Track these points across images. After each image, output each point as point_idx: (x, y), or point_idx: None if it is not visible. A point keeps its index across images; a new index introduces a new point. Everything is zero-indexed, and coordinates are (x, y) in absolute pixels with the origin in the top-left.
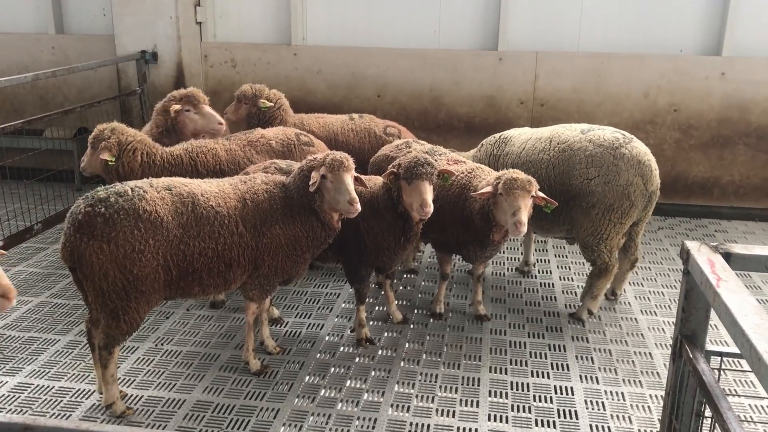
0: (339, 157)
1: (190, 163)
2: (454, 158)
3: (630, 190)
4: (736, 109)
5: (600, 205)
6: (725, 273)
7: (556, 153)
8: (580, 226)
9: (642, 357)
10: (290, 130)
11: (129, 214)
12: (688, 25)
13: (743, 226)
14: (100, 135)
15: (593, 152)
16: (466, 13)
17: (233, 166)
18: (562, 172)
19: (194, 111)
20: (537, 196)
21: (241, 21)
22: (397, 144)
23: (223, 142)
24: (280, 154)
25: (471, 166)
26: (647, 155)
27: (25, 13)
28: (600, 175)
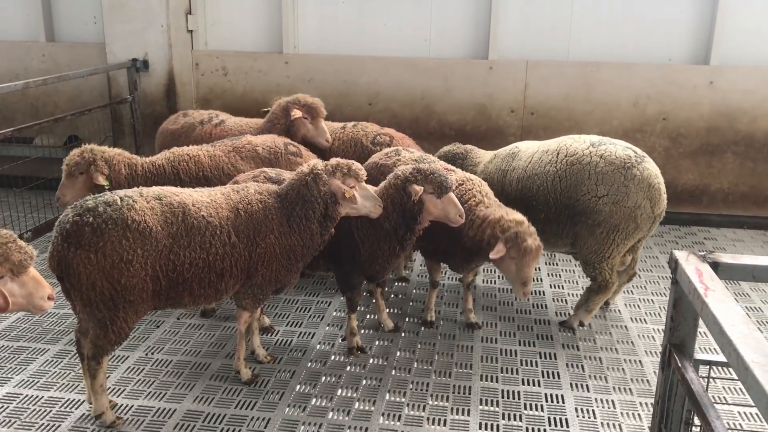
0: (359, 164)
1: (173, 172)
2: (445, 167)
3: (637, 213)
4: (725, 117)
5: (606, 225)
6: (713, 282)
7: (564, 166)
8: (583, 242)
9: (632, 365)
10: (279, 139)
11: (117, 224)
12: (676, 35)
13: (732, 234)
14: (81, 161)
15: (604, 169)
16: (457, 21)
17: (217, 172)
18: (569, 186)
19: (311, 121)
20: None
21: (232, 29)
22: (386, 152)
23: (208, 148)
24: (266, 162)
25: (461, 177)
26: (657, 177)
27: (15, 21)
28: (609, 194)
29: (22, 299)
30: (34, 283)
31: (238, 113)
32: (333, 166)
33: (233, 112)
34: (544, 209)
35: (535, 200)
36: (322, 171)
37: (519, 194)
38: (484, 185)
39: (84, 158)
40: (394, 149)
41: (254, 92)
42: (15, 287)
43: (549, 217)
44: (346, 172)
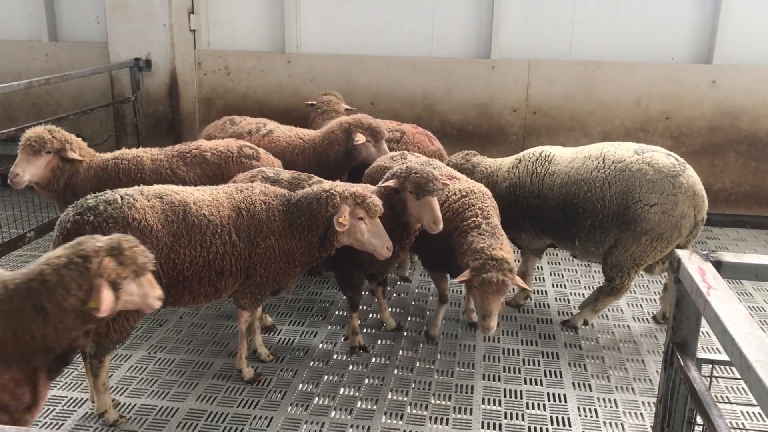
0: (378, 201)
1: (114, 170)
2: (448, 173)
3: (683, 222)
4: (727, 116)
5: (652, 233)
6: (715, 281)
7: (613, 172)
8: (625, 248)
9: (635, 364)
10: (234, 142)
11: (118, 223)
12: (678, 34)
13: (735, 233)
14: (53, 138)
15: (653, 178)
16: (459, 21)
17: (155, 176)
18: (619, 192)
19: (374, 144)
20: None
21: (234, 29)
22: (392, 155)
23: (153, 151)
24: (214, 167)
25: (465, 188)
26: (700, 184)
27: (18, 21)
28: (659, 203)
29: (138, 299)
30: (149, 284)
31: (241, 112)
32: (350, 192)
33: (236, 112)
34: (591, 216)
35: (582, 207)
36: (337, 194)
37: (563, 199)
38: (488, 200)
39: (55, 137)
40: (399, 153)
41: (256, 92)
42: (134, 287)
43: (595, 224)
44: (359, 203)
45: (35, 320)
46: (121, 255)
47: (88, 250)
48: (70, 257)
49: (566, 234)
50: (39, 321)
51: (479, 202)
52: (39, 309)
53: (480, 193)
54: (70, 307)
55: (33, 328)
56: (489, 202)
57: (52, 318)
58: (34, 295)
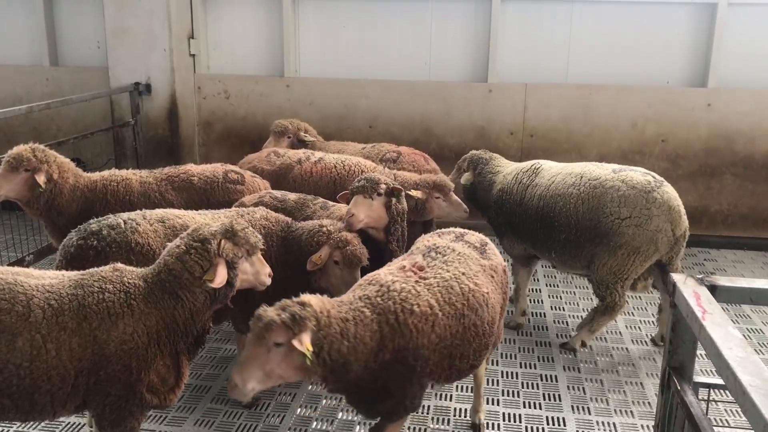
0: (358, 253)
1: (102, 191)
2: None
3: (658, 236)
4: (723, 139)
5: (627, 247)
6: (710, 305)
7: (587, 189)
8: (603, 263)
9: (633, 387)
10: (220, 168)
11: (121, 247)
12: (674, 57)
13: (732, 255)
14: (32, 158)
15: (626, 193)
16: (456, 45)
17: (144, 198)
18: (592, 208)
19: (443, 198)
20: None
21: (234, 53)
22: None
23: (142, 174)
24: (201, 192)
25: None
26: (677, 200)
27: (19, 46)
28: (632, 216)
29: (252, 277)
30: (260, 263)
31: (240, 136)
32: (337, 234)
33: (235, 135)
34: (565, 231)
35: (557, 221)
36: (325, 232)
37: (540, 212)
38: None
39: (36, 156)
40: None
41: (256, 115)
42: (247, 266)
43: (569, 238)
44: (339, 247)
45: (175, 308)
46: (235, 236)
47: (205, 234)
48: (189, 243)
49: (543, 245)
50: (178, 308)
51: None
52: (175, 297)
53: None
54: (198, 290)
55: (176, 315)
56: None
57: (187, 303)
58: (167, 285)
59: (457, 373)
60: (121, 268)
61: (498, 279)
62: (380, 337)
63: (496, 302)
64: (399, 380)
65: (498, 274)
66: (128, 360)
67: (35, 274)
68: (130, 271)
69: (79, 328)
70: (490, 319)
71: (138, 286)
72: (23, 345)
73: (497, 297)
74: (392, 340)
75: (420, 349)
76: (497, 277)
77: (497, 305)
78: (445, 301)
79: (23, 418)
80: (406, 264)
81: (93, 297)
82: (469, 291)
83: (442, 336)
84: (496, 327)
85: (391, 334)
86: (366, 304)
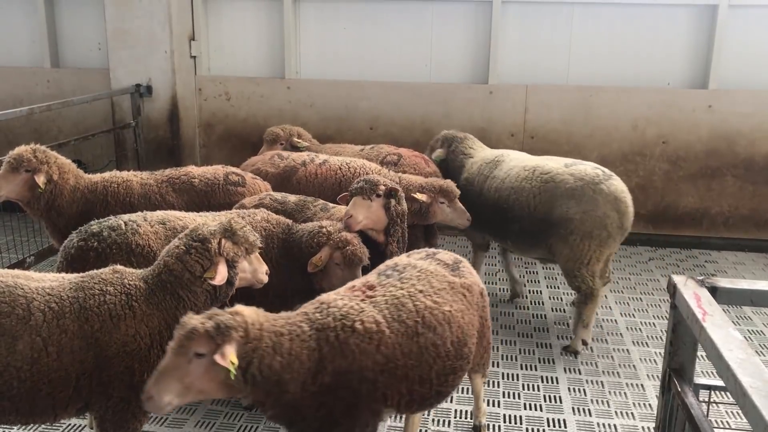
0: (359, 252)
1: (102, 192)
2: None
3: (607, 222)
4: (723, 140)
5: (578, 232)
6: (711, 307)
7: (539, 183)
8: (560, 253)
9: (634, 389)
10: (221, 170)
11: (122, 249)
12: (675, 59)
13: (733, 257)
14: (33, 159)
15: (574, 185)
16: (457, 47)
17: (144, 200)
18: (543, 201)
19: (448, 204)
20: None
21: (235, 55)
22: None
23: (143, 175)
24: (201, 194)
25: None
26: (624, 193)
27: (20, 47)
28: (580, 205)
29: (250, 275)
30: (258, 261)
31: (241, 137)
32: (337, 235)
33: (236, 137)
34: (520, 222)
35: (511, 213)
36: (325, 233)
37: (495, 203)
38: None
39: (37, 157)
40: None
41: (256, 117)
42: (246, 264)
43: (524, 228)
44: (340, 247)
45: (177, 308)
46: (235, 235)
47: (204, 233)
48: (189, 243)
49: (500, 234)
50: (180, 308)
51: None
52: (176, 297)
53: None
54: (199, 289)
55: (177, 316)
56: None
57: (189, 303)
58: (168, 286)
59: (420, 399)
60: (121, 270)
61: (472, 299)
62: (319, 356)
63: (468, 323)
64: (344, 407)
65: (473, 294)
66: (130, 362)
67: (35, 277)
68: (130, 273)
69: (80, 330)
70: (457, 340)
71: (139, 287)
72: (24, 348)
73: (469, 317)
74: (332, 361)
75: (365, 372)
76: (471, 297)
77: (469, 326)
78: (394, 319)
79: (24, 421)
80: (357, 283)
81: (94, 299)
82: (425, 308)
83: (391, 356)
84: (468, 349)
85: (331, 354)
86: (304, 319)
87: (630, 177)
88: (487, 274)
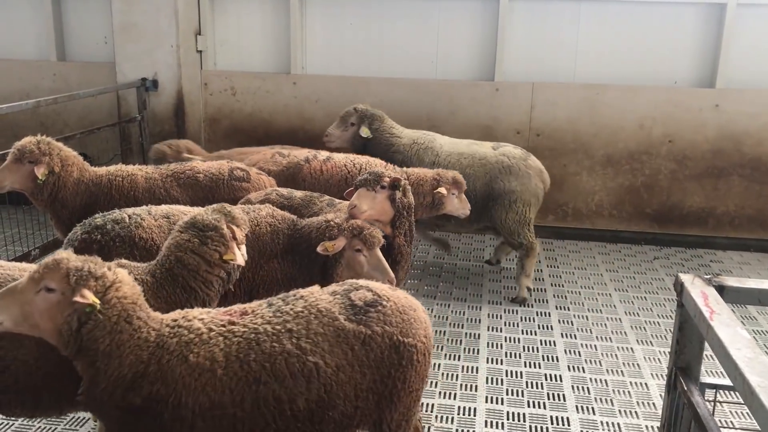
0: (375, 232)
1: (107, 185)
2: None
3: (537, 190)
4: (730, 140)
5: (520, 201)
6: (718, 306)
7: (480, 167)
8: (504, 217)
9: (638, 388)
10: (225, 165)
11: (125, 242)
12: (682, 58)
13: (738, 257)
14: (36, 150)
15: (510, 163)
16: (464, 43)
17: (148, 194)
18: (485, 183)
19: (457, 195)
20: None
21: (241, 50)
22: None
23: (147, 169)
24: (206, 189)
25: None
26: (541, 165)
27: (27, 41)
28: (518, 179)
29: (241, 259)
30: (244, 242)
31: (246, 132)
32: (348, 224)
33: (241, 132)
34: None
35: None
36: (335, 225)
37: None
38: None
39: (40, 148)
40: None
41: (262, 112)
42: (243, 246)
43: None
44: (356, 234)
45: (188, 301)
46: (234, 219)
47: (211, 221)
48: (201, 237)
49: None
50: (191, 300)
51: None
52: (188, 290)
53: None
54: (215, 277)
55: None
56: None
57: (201, 294)
58: (180, 279)
59: None
60: (126, 264)
61: (369, 354)
62: (142, 372)
63: (346, 381)
64: None
65: (371, 348)
66: None
67: None
68: (135, 267)
69: None
70: (317, 400)
71: (146, 281)
72: (30, 342)
73: (351, 375)
74: (152, 384)
75: (182, 410)
76: (366, 351)
77: (346, 386)
78: (238, 358)
79: (29, 414)
80: (236, 307)
81: None
82: (281, 353)
83: (218, 401)
84: (339, 413)
85: (154, 376)
86: (161, 327)
87: (636, 176)
88: (490, 272)
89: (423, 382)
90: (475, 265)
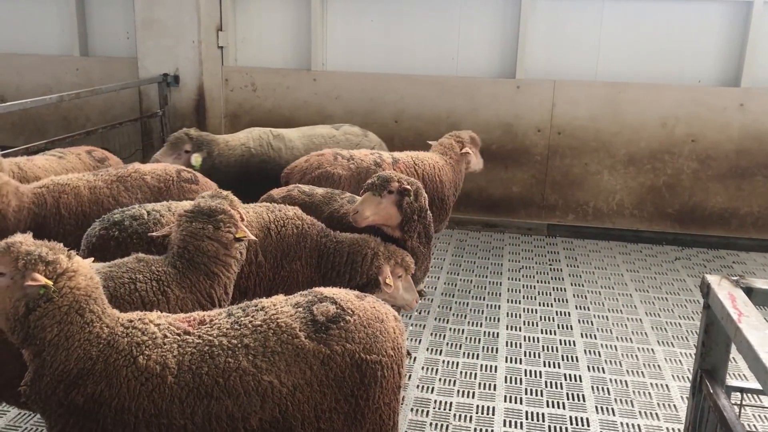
0: (411, 260)
1: (54, 204)
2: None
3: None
4: (755, 140)
5: None
6: (746, 308)
7: (333, 145)
8: None
9: (659, 389)
10: (171, 167)
11: (142, 238)
12: (706, 56)
13: (762, 258)
14: None
15: (356, 140)
16: (484, 41)
17: (96, 206)
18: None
19: (474, 152)
20: None
21: (262, 46)
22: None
23: (89, 178)
24: (155, 191)
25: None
26: (380, 140)
27: (50, 36)
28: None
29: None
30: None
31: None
32: (392, 251)
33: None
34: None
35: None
36: (381, 254)
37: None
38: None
39: None
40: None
41: (282, 108)
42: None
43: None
44: (399, 262)
45: (212, 287)
46: (232, 201)
47: (217, 206)
48: (213, 222)
49: None
50: (215, 285)
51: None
52: (211, 276)
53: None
54: (233, 259)
55: (212, 294)
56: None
57: (223, 278)
58: (203, 267)
59: None
60: (145, 258)
61: (328, 373)
62: (89, 368)
63: (304, 401)
64: None
65: (330, 368)
66: None
67: None
68: (154, 260)
69: None
70: (271, 420)
71: (168, 272)
72: None
73: (310, 395)
74: (96, 383)
75: (125, 414)
76: (326, 371)
77: (304, 405)
78: (190, 369)
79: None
80: (196, 315)
81: (125, 288)
82: (236, 369)
83: (166, 411)
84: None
85: (99, 376)
86: (115, 325)
87: (658, 175)
88: (509, 270)
89: (394, 394)
90: (494, 264)
